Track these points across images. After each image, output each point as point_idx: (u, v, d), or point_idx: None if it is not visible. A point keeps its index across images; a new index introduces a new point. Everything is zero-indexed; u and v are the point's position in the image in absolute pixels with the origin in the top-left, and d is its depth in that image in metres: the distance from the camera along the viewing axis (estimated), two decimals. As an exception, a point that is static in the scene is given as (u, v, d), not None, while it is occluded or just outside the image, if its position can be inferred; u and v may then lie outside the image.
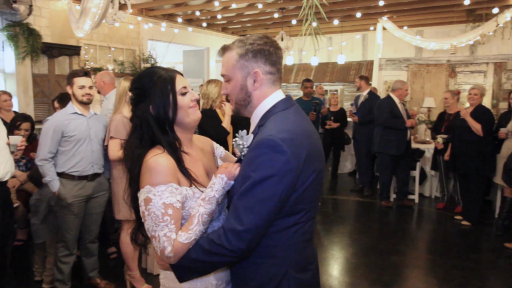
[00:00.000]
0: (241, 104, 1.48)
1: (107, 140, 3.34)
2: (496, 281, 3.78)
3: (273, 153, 1.29)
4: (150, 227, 1.38)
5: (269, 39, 1.45)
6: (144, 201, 1.39)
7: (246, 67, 1.42)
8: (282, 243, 1.38)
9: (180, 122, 1.51)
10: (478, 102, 5.11)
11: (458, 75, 7.69)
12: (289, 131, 1.34)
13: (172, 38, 7.70)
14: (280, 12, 7.17)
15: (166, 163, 1.41)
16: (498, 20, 6.71)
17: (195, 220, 1.37)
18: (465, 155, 5.10)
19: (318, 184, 1.41)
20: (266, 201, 1.29)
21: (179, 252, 1.36)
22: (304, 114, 1.50)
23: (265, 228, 1.33)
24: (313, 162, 1.37)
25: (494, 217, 5.48)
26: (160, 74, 1.50)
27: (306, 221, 1.41)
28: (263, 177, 1.28)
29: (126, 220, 3.44)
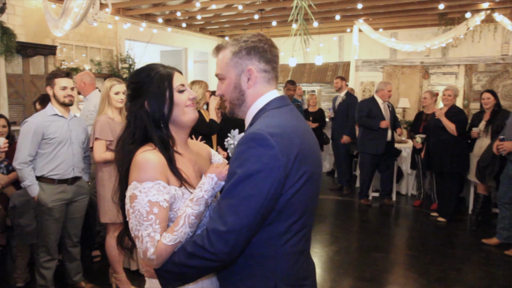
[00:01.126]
0: (235, 103, 1.42)
1: (92, 142, 3.29)
2: (473, 274, 3.94)
3: (259, 147, 1.20)
4: (133, 226, 1.30)
5: (264, 37, 1.40)
6: (130, 198, 1.31)
7: (240, 65, 1.37)
8: (271, 253, 1.28)
9: (175, 120, 1.45)
10: (452, 102, 5.30)
11: (431, 76, 7.94)
12: (278, 126, 1.26)
13: (151, 38, 7.63)
14: (259, 13, 7.22)
15: (155, 159, 1.34)
16: (469, 24, 6.98)
17: (181, 221, 1.28)
18: (440, 154, 5.28)
19: (311, 189, 1.31)
20: (252, 199, 1.19)
21: (162, 255, 1.26)
22: (299, 114, 1.44)
23: (251, 230, 1.22)
24: (305, 163, 1.27)
25: (467, 213, 5.70)
26: (158, 70, 1.45)
27: (298, 230, 1.31)
28: (249, 172, 1.20)
29: (112, 223, 3.40)
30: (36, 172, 3.10)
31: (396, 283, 3.80)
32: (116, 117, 3.38)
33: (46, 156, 3.11)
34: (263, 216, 1.22)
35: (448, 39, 7.26)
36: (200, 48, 9.32)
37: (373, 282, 3.75)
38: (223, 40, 9.73)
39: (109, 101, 3.35)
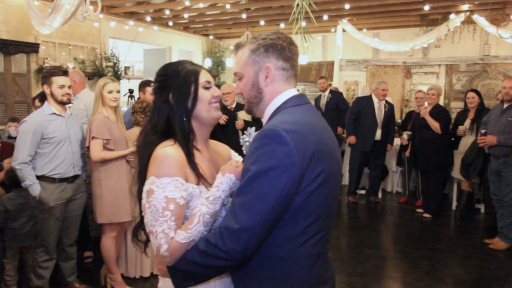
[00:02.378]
0: (252, 102, 1.40)
1: (88, 141, 3.25)
2: (461, 268, 4.06)
3: (274, 144, 1.18)
4: (149, 221, 1.29)
5: (283, 34, 1.38)
6: (147, 192, 1.30)
7: (258, 63, 1.35)
8: (287, 256, 1.25)
9: (197, 116, 1.44)
10: (436, 101, 5.44)
11: (414, 76, 8.13)
12: (294, 123, 1.23)
13: (135, 36, 7.54)
14: (246, 13, 7.23)
15: (175, 155, 1.33)
16: (449, 25, 7.18)
17: (196, 220, 1.26)
18: (424, 152, 5.42)
19: (329, 189, 1.27)
20: (266, 197, 1.16)
21: (175, 253, 1.25)
22: (318, 113, 1.41)
23: (264, 229, 1.18)
24: (321, 162, 1.23)
25: (451, 209, 5.86)
26: (186, 65, 1.47)
27: (315, 232, 1.27)
28: (263, 169, 1.17)
29: (108, 224, 3.36)
30: (37, 172, 3.06)
31: (388, 278, 3.89)
32: (111, 116, 3.34)
33: (46, 156, 3.06)
34: (278, 214, 1.19)
35: (429, 40, 7.44)
36: (184, 47, 9.26)
37: (366, 277, 3.83)
38: (207, 38, 9.70)
39: (103, 100, 3.31)
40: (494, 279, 3.82)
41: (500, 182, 4.32)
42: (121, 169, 3.34)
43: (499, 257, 4.27)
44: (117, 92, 3.32)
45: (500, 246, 4.34)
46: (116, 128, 3.33)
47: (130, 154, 3.33)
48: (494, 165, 4.37)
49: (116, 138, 3.30)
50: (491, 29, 6.85)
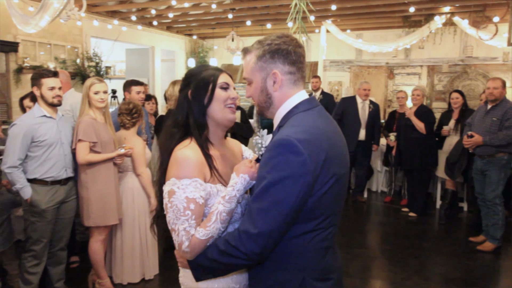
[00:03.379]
0: (263, 106, 1.47)
1: (75, 143, 3.17)
2: (448, 266, 4.12)
3: (288, 154, 1.25)
4: (171, 220, 1.39)
5: (288, 37, 1.41)
6: (168, 193, 1.40)
7: (265, 69, 1.40)
8: (299, 249, 1.34)
9: (212, 116, 1.52)
10: (421, 102, 5.53)
11: (396, 76, 8.24)
12: (307, 132, 1.30)
13: (118, 36, 7.40)
14: (231, 12, 7.18)
15: (194, 157, 1.42)
16: (431, 27, 7.29)
17: (214, 218, 1.36)
18: (410, 152, 5.50)
19: (339, 189, 1.37)
20: (281, 204, 1.25)
21: (196, 249, 1.36)
22: (328, 116, 1.47)
23: (280, 232, 1.28)
24: (333, 166, 1.31)
25: (435, 208, 5.96)
26: (209, 67, 1.57)
27: (325, 228, 1.36)
28: (278, 178, 1.25)
29: (96, 227, 3.28)
30: (28, 175, 2.99)
31: (378, 277, 3.92)
32: (98, 117, 3.27)
33: (37, 159, 2.98)
34: (292, 218, 1.28)
35: (412, 41, 7.54)
36: (168, 47, 9.14)
37: (356, 277, 3.85)
38: (190, 38, 9.61)
39: (90, 101, 3.23)
40: (481, 277, 3.90)
41: (485, 181, 4.41)
42: (108, 172, 3.27)
43: (484, 255, 4.36)
44: (104, 93, 3.25)
45: (487, 247, 4.42)
46: (104, 130, 3.26)
47: (117, 157, 3.26)
48: (479, 164, 4.46)
49: (104, 140, 3.23)
50: (471, 31, 6.99)
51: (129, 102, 3.54)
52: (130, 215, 3.47)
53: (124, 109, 3.45)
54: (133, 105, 3.49)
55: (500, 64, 7.40)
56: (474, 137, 4.37)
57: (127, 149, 3.29)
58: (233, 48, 7.45)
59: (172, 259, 4.12)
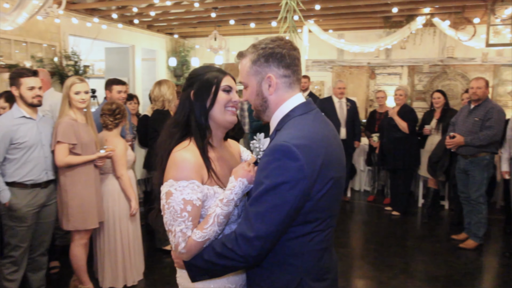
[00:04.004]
0: (259, 109, 1.48)
1: (54, 145, 3.06)
2: (433, 264, 4.17)
3: (286, 159, 1.26)
4: (168, 221, 1.40)
5: (282, 41, 1.42)
6: (166, 194, 1.41)
7: (260, 73, 1.42)
8: (297, 251, 1.36)
9: (213, 117, 1.53)
10: (404, 102, 5.58)
11: (378, 76, 8.31)
12: (304, 137, 1.31)
13: (97, 34, 7.23)
14: (214, 11, 7.11)
15: (192, 159, 1.43)
16: (411, 27, 7.39)
17: (211, 220, 1.38)
18: (393, 151, 5.54)
19: (336, 193, 1.39)
20: (278, 209, 1.27)
21: (192, 250, 1.37)
22: (324, 119, 1.48)
23: (277, 235, 1.31)
24: (330, 170, 1.33)
25: (417, 206, 6.04)
26: (213, 69, 1.57)
27: (323, 230, 1.38)
28: (275, 184, 1.26)
29: (76, 231, 3.18)
30: (7, 178, 2.87)
31: (365, 277, 3.93)
32: (79, 118, 3.17)
33: (16, 162, 2.86)
34: (288, 222, 1.30)
35: (392, 41, 7.62)
36: (148, 46, 8.99)
37: (343, 277, 3.84)
38: (171, 37, 9.47)
39: (70, 101, 3.13)
40: (465, 274, 3.96)
41: (468, 180, 4.47)
42: (89, 174, 3.17)
43: (467, 253, 4.42)
44: (85, 93, 3.15)
45: (470, 245, 4.49)
46: (85, 131, 3.16)
47: (98, 159, 3.17)
48: (462, 164, 4.52)
49: (84, 142, 3.13)
50: (450, 32, 7.11)
51: (112, 103, 3.44)
52: (111, 219, 3.37)
53: (107, 109, 3.35)
54: (116, 105, 3.39)
55: (478, 64, 7.55)
56: (456, 138, 4.43)
57: (109, 151, 3.20)
58: (215, 48, 7.38)
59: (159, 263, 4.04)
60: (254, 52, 1.42)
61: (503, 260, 4.27)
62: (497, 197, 5.92)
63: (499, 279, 3.98)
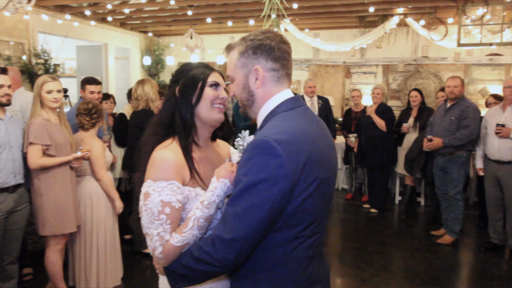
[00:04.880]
0: (245, 104, 1.40)
1: (26, 147, 2.92)
2: (412, 260, 4.22)
3: (265, 155, 1.18)
4: (145, 224, 1.33)
5: (272, 33, 1.36)
6: (144, 195, 1.34)
7: (247, 65, 1.34)
8: (281, 258, 1.27)
9: (199, 114, 1.46)
10: (381, 100, 5.65)
11: (353, 75, 8.40)
12: (286, 132, 1.22)
13: (68, 32, 6.99)
14: (190, 9, 7.00)
15: (172, 159, 1.36)
16: (385, 27, 7.50)
17: (190, 224, 1.29)
18: (371, 149, 5.60)
19: (323, 194, 1.28)
20: (256, 208, 1.18)
21: (170, 255, 1.29)
22: (313, 117, 1.40)
23: (256, 238, 1.21)
24: (315, 169, 1.23)
25: (394, 203, 6.12)
26: (200, 65, 1.51)
27: (309, 235, 1.28)
28: (254, 181, 1.18)
29: (52, 236, 3.04)
30: None
31: (347, 275, 3.94)
32: (52, 119, 3.03)
33: None
34: (269, 224, 1.21)
35: (367, 41, 7.71)
36: (121, 44, 8.77)
37: (325, 276, 3.84)
38: (145, 36, 9.28)
39: (42, 101, 3.00)
40: (443, 269, 4.02)
41: (445, 177, 4.56)
42: (64, 176, 3.05)
43: (444, 248, 4.51)
44: (57, 92, 3.02)
45: (447, 241, 4.57)
46: (59, 132, 3.03)
47: (74, 160, 3.04)
48: (439, 162, 4.60)
49: (59, 142, 3.00)
50: (423, 32, 7.25)
51: (88, 102, 3.32)
52: (88, 222, 3.24)
53: (83, 109, 3.23)
54: (93, 105, 3.27)
55: (450, 64, 7.74)
56: (433, 141, 4.48)
57: (85, 152, 3.08)
58: (192, 46, 7.27)
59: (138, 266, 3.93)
60: (242, 44, 1.35)
61: (479, 254, 4.38)
62: (470, 193, 6.08)
63: (477, 273, 4.07)
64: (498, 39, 6.47)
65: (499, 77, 7.51)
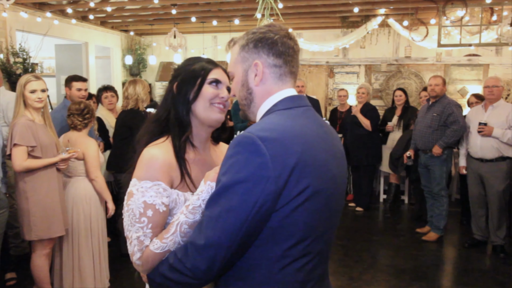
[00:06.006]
0: (244, 104, 1.26)
1: (10, 149, 2.82)
2: (399, 257, 4.29)
3: (247, 153, 1.04)
4: (126, 226, 1.24)
5: (276, 27, 1.23)
6: (128, 194, 1.25)
7: (247, 59, 1.22)
8: (265, 280, 1.09)
9: (196, 113, 1.36)
10: (366, 100, 5.72)
11: (336, 75, 8.47)
12: (274, 130, 1.08)
13: (48, 30, 6.82)
14: (173, 8, 6.92)
15: (161, 158, 1.26)
16: (367, 28, 7.59)
17: (173, 229, 1.16)
18: (356, 149, 5.66)
19: (319, 208, 1.10)
20: (234, 212, 1.03)
21: (148, 262, 1.18)
22: (317, 119, 1.23)
23: (231, 248, 1.04)
24: (307, 177, 1.06)
25: (379, 202, 6.20)
26: (203, 60, 1.42)
27: (299, 256, 1.10)
28: (232, 181, 1.04)
29: (39, 241, 2.96)
30: None
31: (336, 273, 3.96)
32: (36, 119, 2.95)
33: None
34: (248, 232, 1.05)
35: (350, 41, 7.80)
36: (102, 43, 8.60)
37: (315, 274, 3.85)
38: (126, 34, 9.14)
39: (25, 101, 2.91)
40: (429, 265, 4.10)
41: (429, 175, 4.64)
42: (51, 178, 2.97)
43: (430, 245, 4.59)
44: (42, 92, 2.94)
45: (432, 237, 4.66)
46: (44, 133, 2.95)
47: (60, 161, 2.97)
48: (422, 159, 4.69)
49: (44, 143, 2.92)
50: (404, 33, 7.37)
51: (80, 102, 3.26)
52: (82, 224, 3.16)
53: (75, 109, 3.17)
54: (84, 105, 3.21)
55: (430, 64, 7.88)
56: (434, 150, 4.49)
57: (71, 153, 3.00)
58: (175, 46, 7.19)
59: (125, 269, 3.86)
60: (244, 38, 1.25)
61: (463, 250, 4.47)
62: (452, 190, 6.21)
63: (461, 268, 4.15)
64: (476, 40, 6.63)
65: (477, 77, 7.69)
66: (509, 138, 4.06)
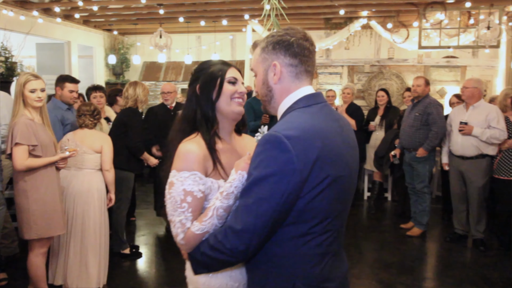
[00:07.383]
0: (264, 100, 1.45)
1: (10, 148, 2.82)
2: (385, 252, 4.43)
3: (274, 150, 1.21)
4: (169, 211, 1.41)
5: (294, 30, 1.38)
6: (169, 184, 1.42)
7: (267, 60, 1.39)
8: (290, 253, 1.29)
9: (220, 109, 1.53)
10: (351, 100, 5.87)
11: (320, 76, 8.62)
12: (297, 128, 1.24)
13: (31, 29, 6.72)
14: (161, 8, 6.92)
15: (196, 151, 1.43)
16: (350, 29, 7.77)
17: (210, 213, 1.35)
18: (341, 147, 5.78)
19: (336, 192, 1.29)
20: (265, 202, 1.21)
21: (190, 242, 1.36)
22: (333, 114, 1.40)
23: (264, 230, 1.24)
24: (326, 167, 1.24)
25: (363, 199, 6.36)
26: (218, 62, 1.59)
27: (320, 233, 1.29)
28: (262, 175, 1.22)
29: (37, 239, 2.96)
30: None
31: (326, 268, 4.07)
32: (36, 118, 2.95)
33: None
34: (278, 217, 1.24)
35: (333, 42, 7.95)
36: (85, 42, 8.51)
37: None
38: (109, 34, 9.07)
39: (25, 100, 2.91)
40: (414, 259, 4.26)
41: (413, 173, 4.81)
42: (51, 177, 2.99)
43: (413, 239, 4.76)
44: (41, 91, 2.94)
45: (415, 233, 4.83)
46: (43, 132, 2.96)
47: (60, 160, 2.98)
48: (407, 157, 4.85)
49: (44, 142, 2.93)
50: (386, 35, 7.58)
51: (89, 104, 3.53)
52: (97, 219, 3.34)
53: (86, 110, 3.44)
54: (94, 106, 3.51)
55: (411, 65, 8.12)
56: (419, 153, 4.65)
57: (71, 151, 3.04)
58: (161, 45, 7.18)
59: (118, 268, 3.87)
60: (264, 40, 1.41)
61: (445, 244, 4.65)
62: (433, 187, 6.41)
63: (444, 261, 4.31)
64: (455, 43, 6.89)
65: (455, 78, 7.97)
66: (488, 137, 4.24)
